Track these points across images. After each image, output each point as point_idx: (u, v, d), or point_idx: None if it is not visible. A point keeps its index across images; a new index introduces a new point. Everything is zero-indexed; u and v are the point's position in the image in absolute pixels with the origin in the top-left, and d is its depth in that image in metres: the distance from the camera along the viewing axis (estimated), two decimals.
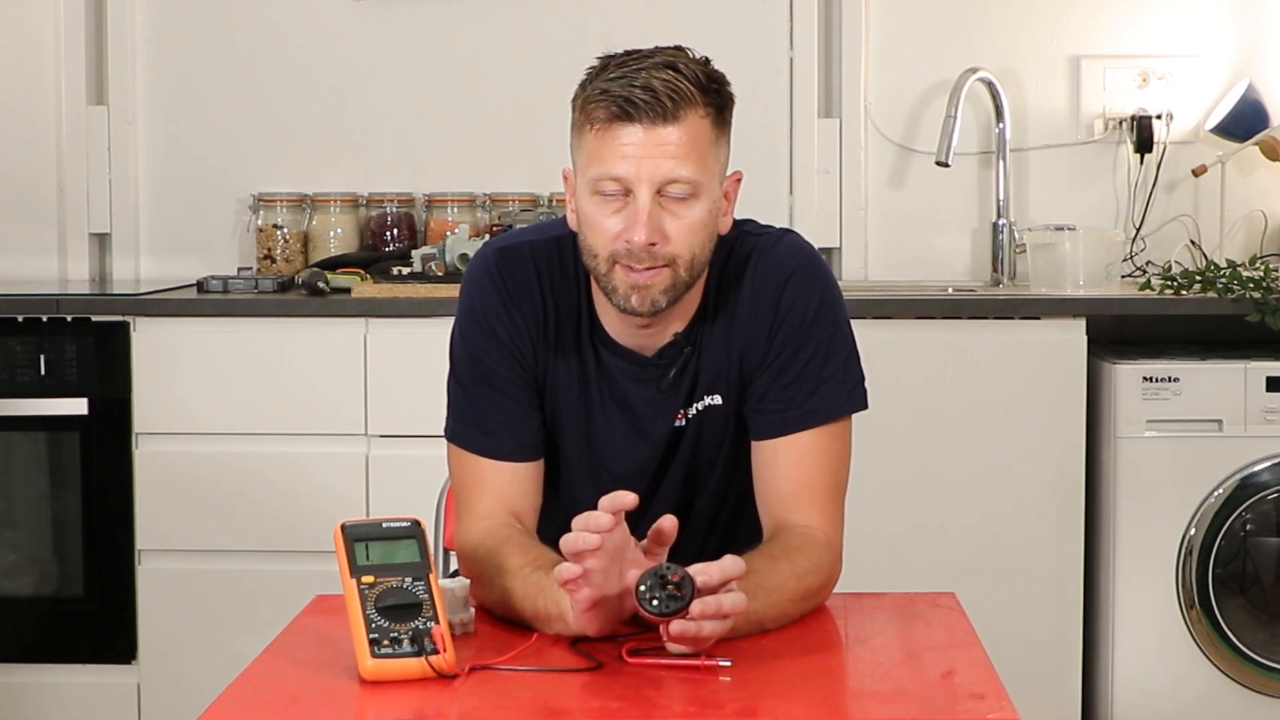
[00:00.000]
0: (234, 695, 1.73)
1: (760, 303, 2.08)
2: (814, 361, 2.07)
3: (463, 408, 2.12)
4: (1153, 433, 3.47)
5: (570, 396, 2.11)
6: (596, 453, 2.14)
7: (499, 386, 2.09)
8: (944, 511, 3.55)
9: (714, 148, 2.00)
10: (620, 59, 1.99)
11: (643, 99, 1.94)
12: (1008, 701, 1.68)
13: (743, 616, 1.82)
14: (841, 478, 2.10)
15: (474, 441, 2.10)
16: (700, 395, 2.11)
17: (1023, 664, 3.40)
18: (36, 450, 3.64)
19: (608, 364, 2.10)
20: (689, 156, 1.96)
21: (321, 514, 3.30)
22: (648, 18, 4.05)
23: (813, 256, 2.13)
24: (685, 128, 1.96)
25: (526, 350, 2.09)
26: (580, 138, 2.01)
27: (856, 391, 2.10)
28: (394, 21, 4.13)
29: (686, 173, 1.96)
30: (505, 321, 2.09)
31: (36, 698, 3.63)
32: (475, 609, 1.92)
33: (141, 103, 4.16)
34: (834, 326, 2.10)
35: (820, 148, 4.05)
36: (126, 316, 3.60)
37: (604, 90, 1.96)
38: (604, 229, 1.99)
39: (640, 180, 1.96)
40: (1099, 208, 4.06)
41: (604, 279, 2.02)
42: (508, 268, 2.10)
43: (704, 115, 1.98)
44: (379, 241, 4.05)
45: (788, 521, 2.04)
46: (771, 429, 2.07)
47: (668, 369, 2.10)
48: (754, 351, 2.09)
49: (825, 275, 2.12)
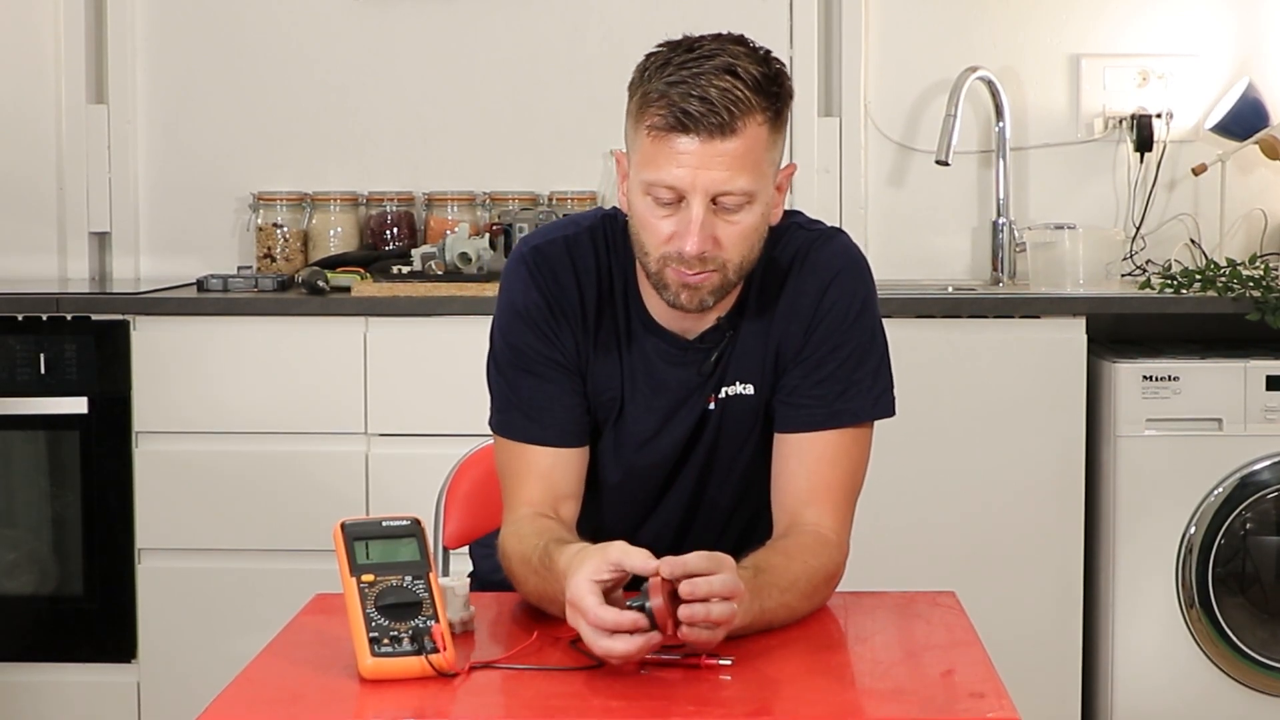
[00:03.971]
0: (234, 694, 1.73)
1: (803, 298, 2.09)
2: (848, 363, 2.09)
3: (506, 397, 2.11)
4: (1152, 432, 3.47)
5: (608, 381, 2.12)
6: (629, 434, 2.14)
7: (540, 373, 2.09)
8: (944, 510, 3.55)
9: (770, 152, 1.98)
10: (682, 56, 1.95)
11: (700, 111, 1.91)
12: (1007, 700, 1.68)
13: (756, 613, 1.84)
14: (858, 481, 2.11)
15: (518, 428, 2.10)
16: (732, 380, 2.12)
17: (1023, 663, 3.40)
18: (36, 449, 3.64)
19: (648, 347, 2.11)
20: (744, 168, 1.94)
21: (321, 513, 3.29)
22: (648, 17, 4.05)
23: (860, 261, 2.14)
24: (742, 139, 1.93)
25: (567, 339, 2.10)
26: (636, 133, 1.98)
27: (884, 398, 2.11)
28: (394, 21, 4.13)
29: (742, 184, 1.94)
30: (544, 313, 2.09)
31: (36, 697, 3.63)
32: (475, 608, 1.92)
33: (141, 102, 4.16)
34: (871, 332, 2.11)
35: (820, 147, 4.05)
36: (126, 315, 3.60)
37: (662, 94, 1.93)
38: (656, 230, 1.98)
39: (695, 190, 1.94)
40: (1099, 207, 4.06)
41: (654, 275, 2.01)
42: (544, 262, 2.10)
43: (762, 122, 1.95)
44: (379, 240, 4.05)
45: (801, 518, 2.05)
46: (797, 423, 2.08)
47: (709, 352, 2.11)
48: (790, 345, 2.10)
49: (869, 281, 2.13)
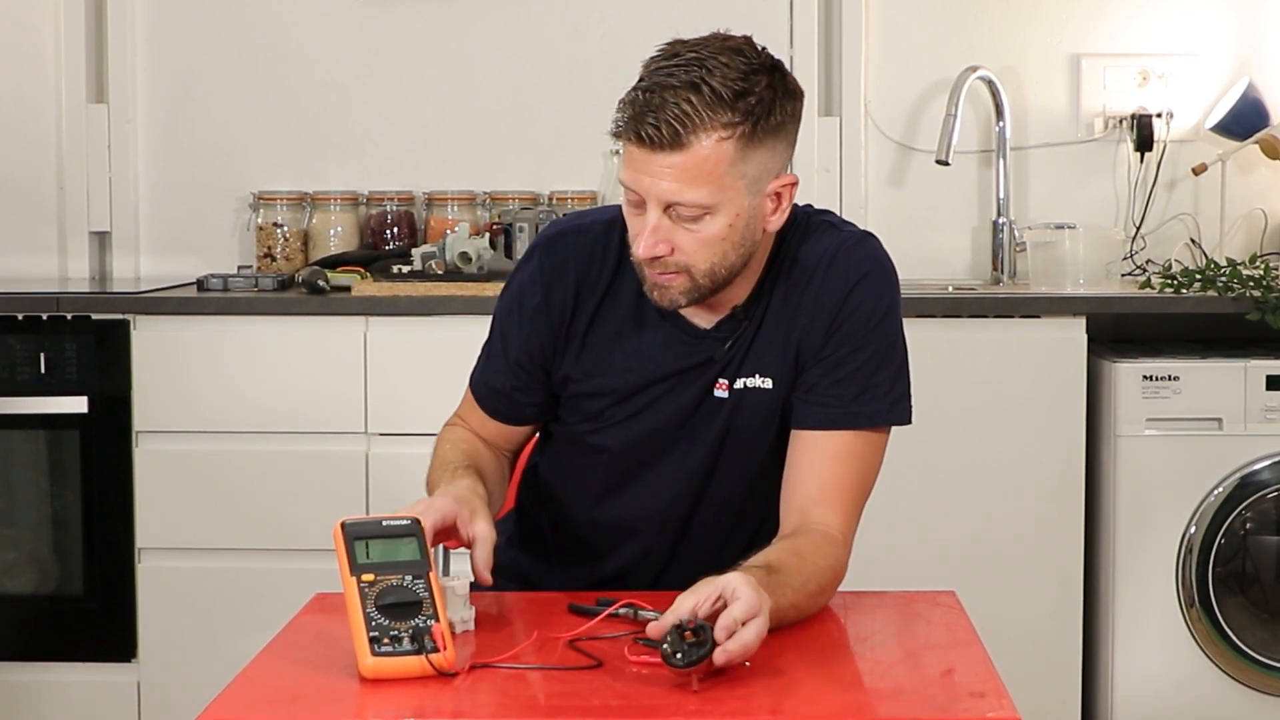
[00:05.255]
0: (234, 694, 1.73)
1: (828, 297, 2.10)
2: (867, 365, 2.09)
3: (482, 352, 2.25)
4: (1153, 431, 3.47)
5: (620, 366, 2.14)
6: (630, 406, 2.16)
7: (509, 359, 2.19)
8: (944, 510, 3.55)
9: (738, 165, 1.97)
10: (663, 62, 1.98)
11: (650, 125, 1.94)
12: (1008, 700, 1.68)
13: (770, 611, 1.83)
14: (868, 484, 2.12)
15: (474, 383, 2.25)
16: (750, 372, 2.12)
17: (1023, 663, 3.40)
18: (36, 449, 3.64)
19: (661, 332, 2.13)
20: (695, 181, 1.95)
21: (321, 513, 3.29)
22: (648, 17, 4.05)
23: (889, 267, 2.14)
24: (691, 154, 1.94)
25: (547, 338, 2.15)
26: None
27: (901, 405, 2.12)
28: (394, 21, 4.13)
29: (692, 197, 1.96)
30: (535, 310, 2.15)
31: (36, 696, 3.63)
32: (475, 608, 1.92)
33: (141, 101, 4.16)
34: (893, 338, 2.12)
35: (820, 146, 4.05)
36: (126, 315, 3.59)
37: (631, 100, 1.97)
38: (631, 228, 2.04)
39: (649, 196, 1.98)
40: (1099, 206, 4.06)
41: (637, 269, 2.07)
42: (555, 254, 2.16)
43: (724, 137, 1.95)
44: (379, 240, 4.05)
45: (810, 516, 2.05)
46: (813, 420, 2.09)
47: (724, 341, 2.12)
48: (811, 343, 2.10)
49: (895, 288, 2.14)
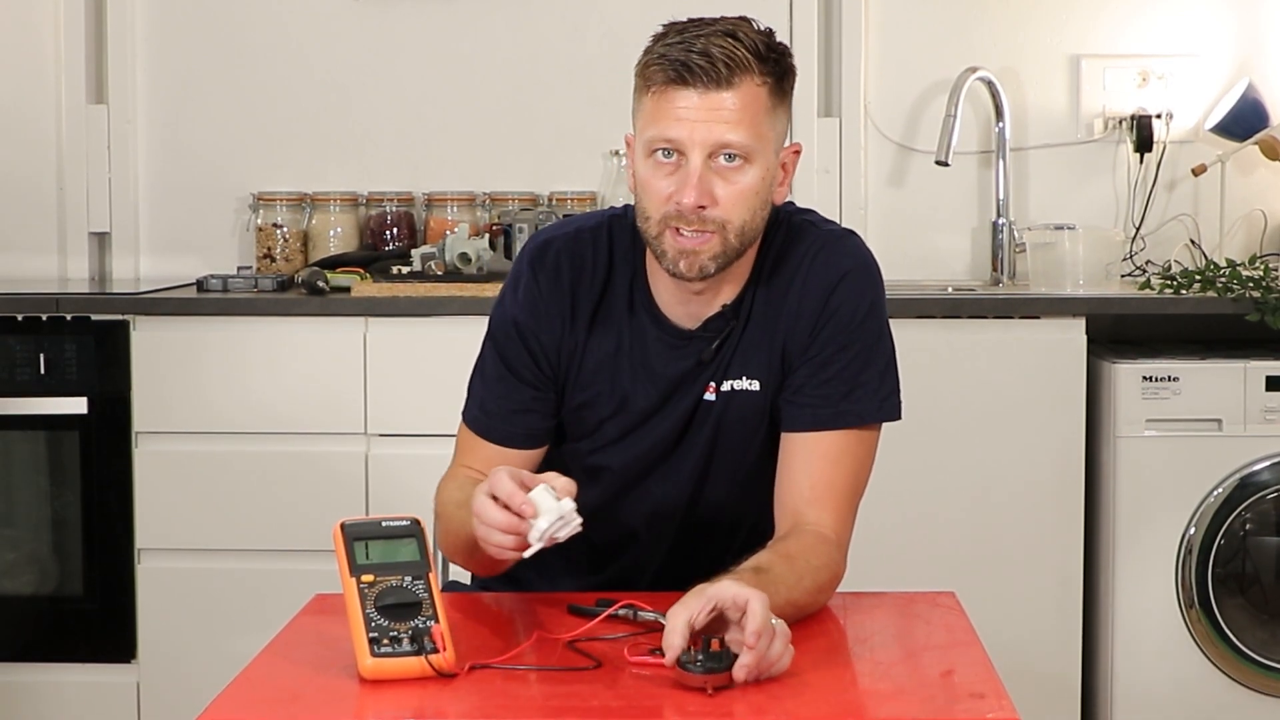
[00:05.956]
0: (234, 694, 1.73)
1: (811, 296, 2.10)
2: (854, 364, 2.10)
3: (474, 383, 2.19)
4: (1152, 432, 3.47)
5: (607, 370, 2.14)
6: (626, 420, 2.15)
7: (507, 378, 2.14)
8: (944, 511, 3.55)
9: (769, 116, 2.02)
10: (682, 25, 2.04)
11: (699, 64, 1.98)
12: (1007, 701, 1.68)
13: None
14: (861, 482, 2.12)
15: (474, 418, 2.17)
16: (737, 373, 2.12)
17: (1023, 663, 3.40)
18: (36, 449, 3.64)
19: (649, 337, 2.13)
20: (742, 122, 1.99)
21: (321, 513, 3.29)
22: (648, 17, 4.02)
23: (871, 263, 2.15)
24: (740, 94, 1.99)
25: (549, 345, 2.13)
26: (639, 101, 2.05)
27: (890, 401, 2.13)
28: (394, 21, 4.13)
29: (739, 138, 1.99)
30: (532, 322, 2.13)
31: (36, 697, 3.63)
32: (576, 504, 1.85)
33: (141, 102, 4.16)
34: (878, 334, 2.13)
35: (820, 147, 4.05)
36: (126, 315, 3.59)
37: (662, 55, 2.01)
38: (657, 191, 2.03)
39: (693, 143, 1.99)
40: (1099, 207, 4.06)
41: (655, 242, 2.05)
42: (547, 263, 2.14)
43: (760, 84, 2.00)
44: (379, 240, 4.05)
45: (803, 518, 2.05)
46: (803, 422, 2.09)
47: (711, 340, 2.12)
48: (797, 343, 2.11)
49: (878, 283, 2.15)
